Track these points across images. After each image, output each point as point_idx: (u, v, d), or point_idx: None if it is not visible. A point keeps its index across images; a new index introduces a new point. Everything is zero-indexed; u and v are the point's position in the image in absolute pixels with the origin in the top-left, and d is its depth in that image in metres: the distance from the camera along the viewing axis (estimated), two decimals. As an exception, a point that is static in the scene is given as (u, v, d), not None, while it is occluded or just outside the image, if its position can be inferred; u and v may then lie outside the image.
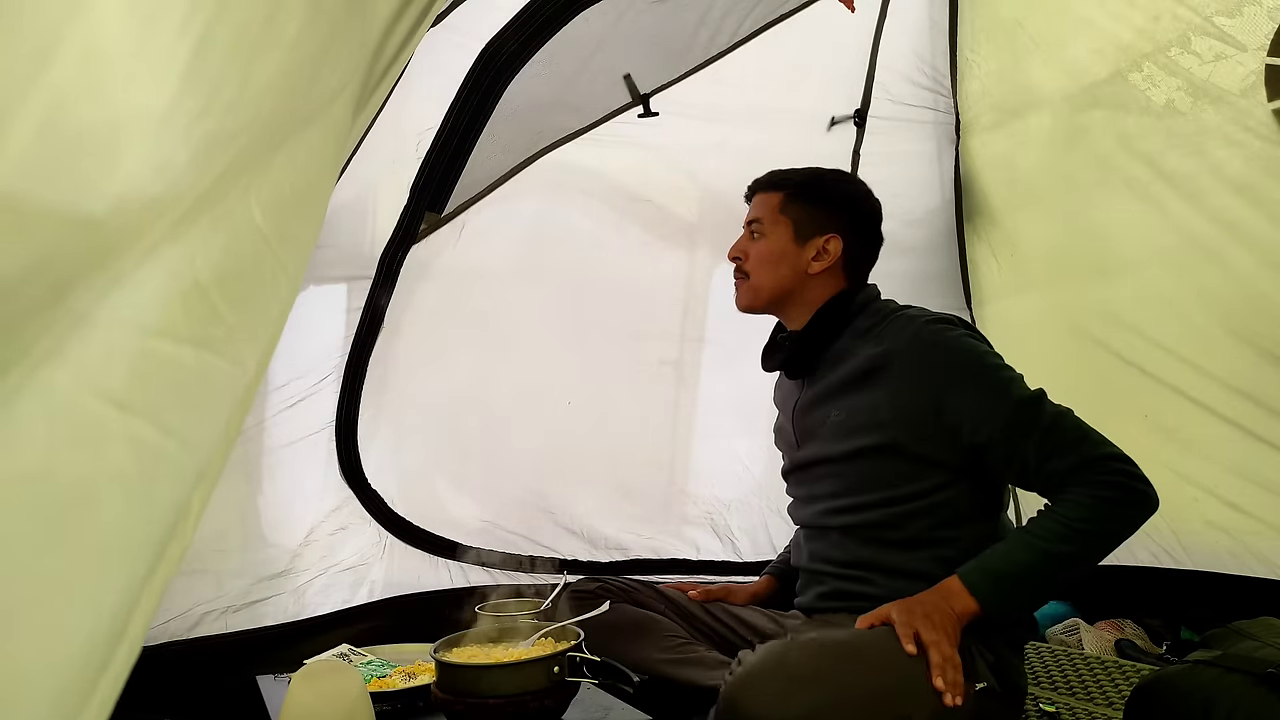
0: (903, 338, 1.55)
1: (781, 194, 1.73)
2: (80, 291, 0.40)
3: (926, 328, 1.55)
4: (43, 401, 0.40)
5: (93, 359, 0.42)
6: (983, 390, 1.48)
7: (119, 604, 0.46)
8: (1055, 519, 1.40)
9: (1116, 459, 1.42)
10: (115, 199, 0.40)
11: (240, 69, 0.47)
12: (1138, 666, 2.11)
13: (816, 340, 1.68)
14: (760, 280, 1.72)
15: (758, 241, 1.72)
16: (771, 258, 1.70)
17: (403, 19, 0.78)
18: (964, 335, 1.55)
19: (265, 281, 0.56)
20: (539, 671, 1.37)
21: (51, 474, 0.41)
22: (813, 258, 1.69)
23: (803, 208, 1.71)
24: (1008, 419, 1.45)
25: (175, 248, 0.45)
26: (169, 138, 0.43)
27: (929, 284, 2.81)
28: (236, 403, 0.57)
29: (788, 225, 1.70)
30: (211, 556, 1.96)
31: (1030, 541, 1.40)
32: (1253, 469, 2.15)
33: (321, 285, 2.10)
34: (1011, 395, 1.47)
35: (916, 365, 1.52)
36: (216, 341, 0.51)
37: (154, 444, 0.46)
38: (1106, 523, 1.39)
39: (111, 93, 0.40)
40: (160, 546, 0.48)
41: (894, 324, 1.59)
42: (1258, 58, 2.03)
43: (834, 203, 1.73)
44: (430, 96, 2.05)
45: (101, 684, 0.45)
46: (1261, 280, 2.08)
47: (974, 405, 1.47)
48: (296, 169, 0.58)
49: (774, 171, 1.78)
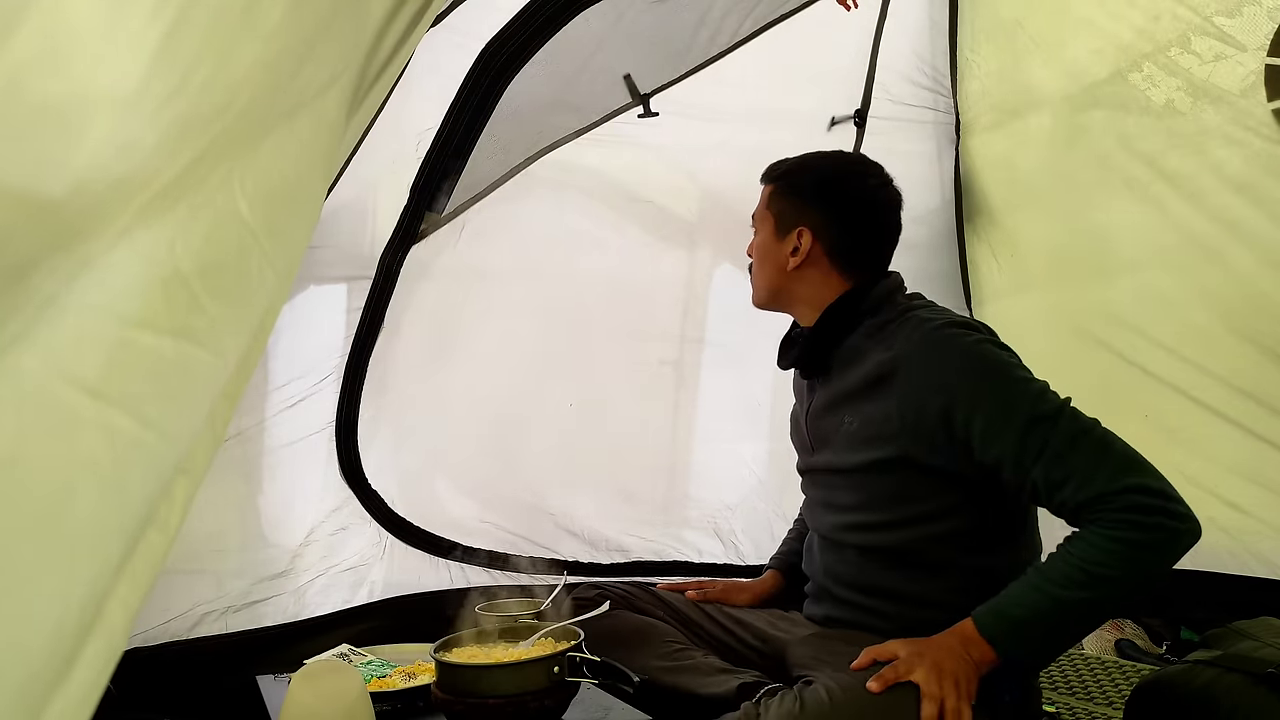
0: (912, 341, 1.44)
1: (773, 186, 1.68)
2: (44, 273, 0.40)
3: (939, 331, 1.43)
4: (10, 386, 0.40)
5: (64, 345, 0.42)
6: (994, 403, 1.34)
7: (89, 593, 0.45)
8: (1068, 559, 1.25)
9: (1139, 490, 1.24)
10: (76, 178, 0.40)
11: (216, 55, 0.46)
12: (1138, 666, 2.10)
13: (826, 340, 1.59)
14: (756, 278, 1.68)
15: (755, 238, 1.69)
16: (760, 255, 1.66)
17: (398, 17, 0.78)
18: (981, 340, 1.43)
19: (250, 274, 0.56)
20: (539, 671, 1.37)
21: (18, 460, 0.41)
22: (790, 253, 1.61)
23: (784, 200, 1.64)
24: (1018, 438, 1.31)
25: (150, 233, 0.45)
26: (135, 119, 0.42)
27: (929, 284, 2.79)
28: (220, 395, 0.57)
29: (771, 220, 1.65)
30: (211, 556, 1.96)
31: (1040, 584, 1.26)
32: (1254, 469, 2.14)
33: (321, 285, 2.10)
34: (1022, 411, 1.32)
35: (925, 373, 1.40)
36: (198, 332, 0.51)
37: (129, 433, 0.46)
38: (1124, 566, 1.22)
39: (76, 71, 0.40)
40: (134, 536, 0.48)
41: (906, 325, 1.47)
42: (1258, 58, 2.03)
43: (805, 193, 1.63)
44: (430, 96, 2.05)
45: (74, 674, 0.45)
46: (1262, 279, 2.08)
47: (984, 420, 1.34)
48: (284, 162, 0.58)
49: (776, 161, 1.72)
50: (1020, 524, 1.48)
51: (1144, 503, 1.23)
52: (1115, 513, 1.24)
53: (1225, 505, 2.21)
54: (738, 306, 1.66)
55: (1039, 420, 1.31)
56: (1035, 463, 1.30)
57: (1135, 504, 1.23)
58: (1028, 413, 1.32)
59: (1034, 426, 1.31)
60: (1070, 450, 1.28)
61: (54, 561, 0.43)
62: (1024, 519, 1.49)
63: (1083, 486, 1.26)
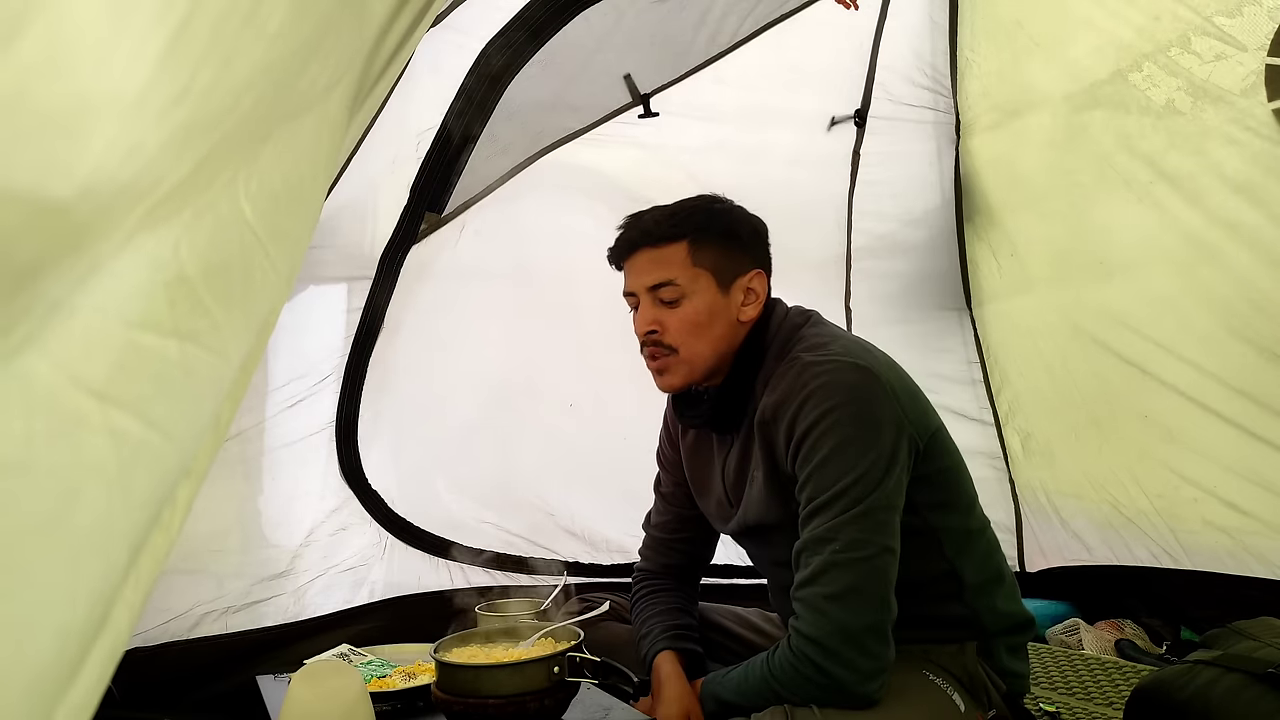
0: (785, 383, 1.38)
1: (685, 242, 1.44)
2: (52, 277, 0.40)
3: (807, 370, 1.36)
4: (21, 390, 0.40)
5: (73, 349, 0.42)
6: (827, 449, 1.30)
7: (96, 596, 0.45)
8: (769, 674, 1.33)
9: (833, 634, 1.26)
10: (83, 182, 0.40)
11: (220, 58, 0.46)
12: (1138, 666, 2.11)
13: (738, 394, 1.47)
14: (694, 350, 1.45)
15: (676, 308, 1.44)
16: (701, 319, 1.44)
17: (400, 17, 0.79)
18: (847, 370, 1.34)
19: (254, 276, 0.56)
20: (539, 671, 1.37)
21: (28, 465, 0.41)
22: (742, 303, 1.47)
23: (715, 249, 1.45)
24: (817, 494, 1.31)
25: (156, 237, 0.45)
26: (141, 123, 0.42)
27: (929, 284, 2.81)
28: (223, 397, 0.57)
29: (707, 276, 1.44)
30: (211, 557, 1.96)
31: (745, 682, 1.36)
32: (1252, 469, 2.15)
33: (321, 285, 2.10)
34: (843, 471, 1.29)
35: (791, 415, 1.35)
36: (202, 335, 0.51)
37: (135, 436, 0.46)
38: (806, 692, 1.28)
39: (81, 76, 0.40)
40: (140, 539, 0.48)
41: (786, 367, 1.40)
42: (1258, 58, 2.03)
43: (742, 233, 1.48)
44: (430, 96, 2.05)
45: (80, 677, 0.45)
46: (1262, 279, 2.08)
47: (812, 464, 1.32)
48: (287, 164, 0.58)
49: (652, 219, 1.47)
50: (949, 520, 1.45)
51: (823, 650, 1.26)
52: (801, 640, 1.29)
53: (1224, 505, 2.22)
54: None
55: (839, 494, 1.30)
56: (802, 530, 1.33)
57: (818, 647, 1.27)
58: (843, 477, 1.30)
59: (835, 496, 1.30)
60: (839, 555, 1.28)
61: (61, 565, 0.43)
62: (952, 508, 1.46)
63: (808, 603, 1.29)
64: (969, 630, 1.44)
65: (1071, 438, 2.52)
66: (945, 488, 1.44)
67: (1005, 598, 1.48)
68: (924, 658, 1.40)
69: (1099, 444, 2.44)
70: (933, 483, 1.40)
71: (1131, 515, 2.42)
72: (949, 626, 1.45)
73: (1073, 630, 2.36)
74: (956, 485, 1.47)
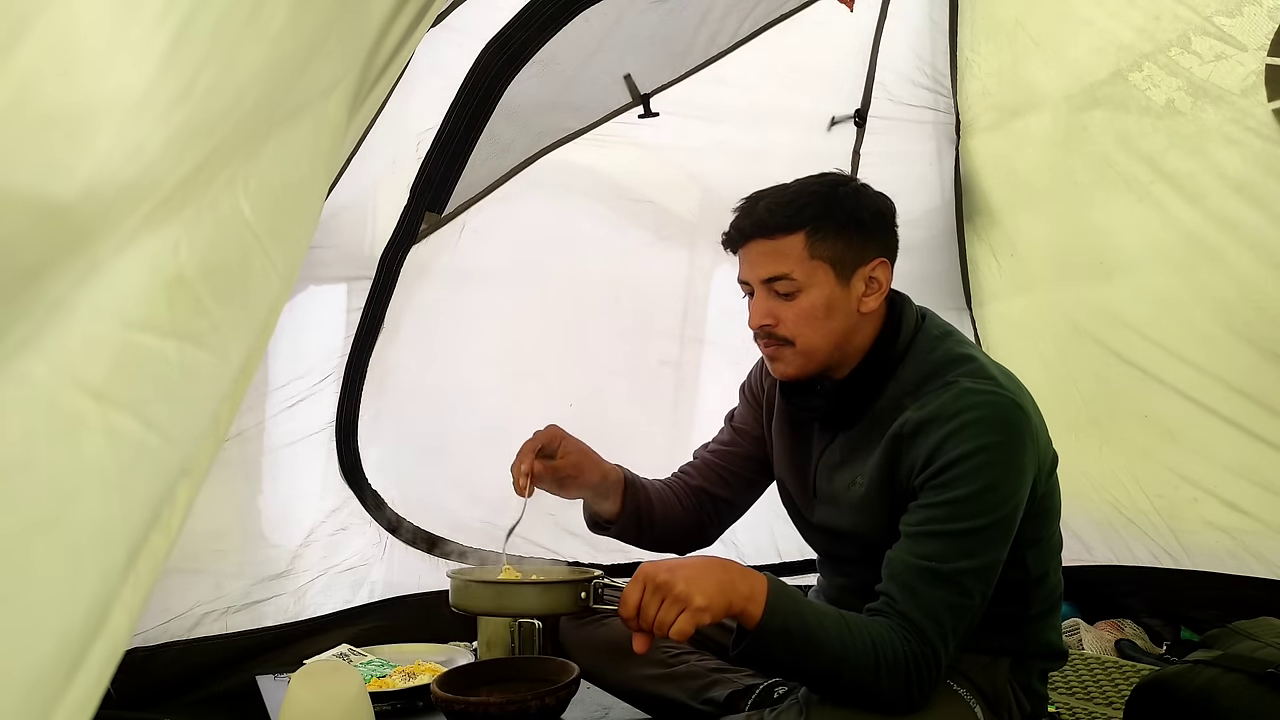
0: (938, 402, 1.30)
1: (802, 233, 1.35)
2: (54, 278, 0.40)
3: (967, 396, 1.28)
4: (20, 391, 0.40)
5: (72, 349, 0.42)
6: (974, 487, 1.25)
7: (95, 598, 0.45)
8: (863, 631, 1.21)
9: (923, 659, 1.20)
10: (85, 183, 0.40)
11: (221, 59, 0.46)
12: (1138, 666, 2.10)
13: (863, 394, 1.40)
14: (812, 342, 1.37)
15: (792, 301, 1.36)
16: (818, 313, 1.36)
17: (400, 17, 0.78)
18: (1009, 408, 1.29)
19: (254, 276, 0.56)
20: (568, 594, 1.27)
21: (27, 466, 0.41)
22: (863, 294, 1.38)
23: (835, 239, 1.35)
24: (944, 523, 1.25)
25: (156, 237, 0.45)
26: (143, 124, 0.42)
27: (929, 284, 2.81)
28: (223, 397, 0.57)
29: (825, 268, 1.35)
30: (211, 557, 1.96)
31: (834, 624, 1.22)
32: (1252, 469, 2.15)
33: (321, 285, 2.10)
34: (978, 513, 1.24)
35: (940, 437, 1.28)
36: (202, 335, 0.51)
37: (134, 436, 0.46)
38: (874, 678, 1.19)
39: (83, 77, 0.40)
40: (139, 540, 0.48)
41: (941, 387, 1.32)
42: (1258, 58, 2.03)
43: (866, 219, 1.39)
44: (430, 96, 2.05)
45: (78, 679, 0.45)
46: (1262, 280, 2.08)
47: (951, 493, 1.25)
48: (287, 164, 0.58)
49: (766, 208, 1.38)
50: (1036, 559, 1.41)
51: (925, 666, 1.21)
52: (910, 646, 1.21)
53: (1224, 505, 2.22)
54: (737, 306, 1.61)
55: (958, 536, 1.25)
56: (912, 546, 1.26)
57: (921, 658, 1.21)
58: (962, 522, 1.25)
59: (951, 538, 1.25)
60: (945, 580, 1.23)
61: (60, 566, 0.43)
62: (1042, 544, 1.42)
63: (910, 611, 1.23)
64: (1006, 647, 1.39)
65: (1071, 438, 2.52)
66: (1043, 523, 1.41)
67: (1053, 629, 1.45)
68: (951, 667, 1.32)
69: (1099, 444, 2.43)
70: (1032, 518, 1.35)
71: (1131, 515, 2.42)
72: (988, 641, 1.38)
73: (1073, 630, 2.36)
74: (1049, 519, 1.43)
